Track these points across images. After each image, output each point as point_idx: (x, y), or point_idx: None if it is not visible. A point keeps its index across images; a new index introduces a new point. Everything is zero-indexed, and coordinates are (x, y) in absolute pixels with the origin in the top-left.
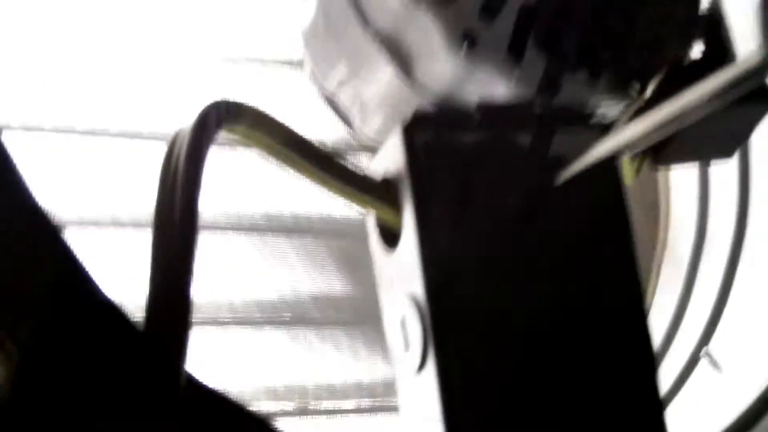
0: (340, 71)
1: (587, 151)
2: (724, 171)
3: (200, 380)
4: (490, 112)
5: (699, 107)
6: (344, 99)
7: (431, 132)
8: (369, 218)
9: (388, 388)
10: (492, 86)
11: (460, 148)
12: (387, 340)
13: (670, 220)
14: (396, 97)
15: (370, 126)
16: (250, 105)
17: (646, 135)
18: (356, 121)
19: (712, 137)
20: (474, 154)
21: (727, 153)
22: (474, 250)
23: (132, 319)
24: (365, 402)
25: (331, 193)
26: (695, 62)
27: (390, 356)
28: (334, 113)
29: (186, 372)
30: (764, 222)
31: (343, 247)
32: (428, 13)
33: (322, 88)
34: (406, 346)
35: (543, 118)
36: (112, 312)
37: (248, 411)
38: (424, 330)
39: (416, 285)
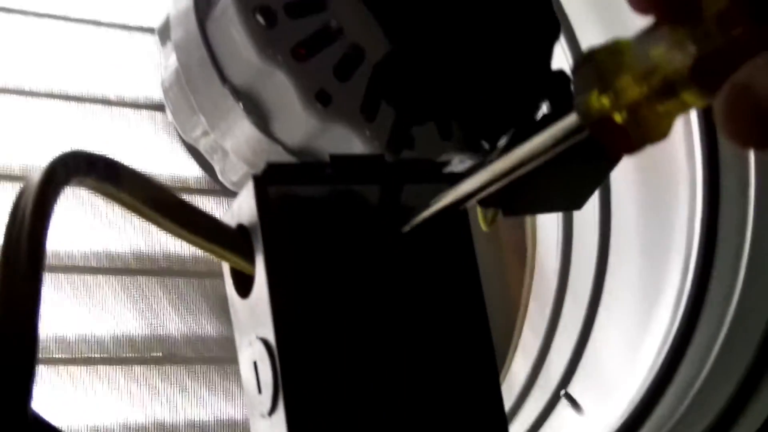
0: (199, 123)
1: (433, 202)
2: (586, 214)
3: (47, 420)
4: (341, 163)
5: (527, 161)
6: (205, 148)
7: (283, 183)
8: (225, 264)
9: None
10: (347, 141)
11: (311, 200)
12: (242, 383)
13: (535, 263)
14: (255, 149)
15: (230, 174)
16: (101, 156)
17: (484, 186)
18: (217, 168)
19: (561, 190)
20: (325, 205)
21: (576, 205)
22: (324, 297)
23: None
24: None
25: (183, 242)
26: (544, 117)
27: (244, 399)
28: (195, 160)
29: (33, 412)
30: (622, 265)
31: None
32: (283, 71)
33: (183, 136)
34: (259, 389)
35: (392, 169)
36: None
37: None
38: (275, 373)
39: (267, 330)
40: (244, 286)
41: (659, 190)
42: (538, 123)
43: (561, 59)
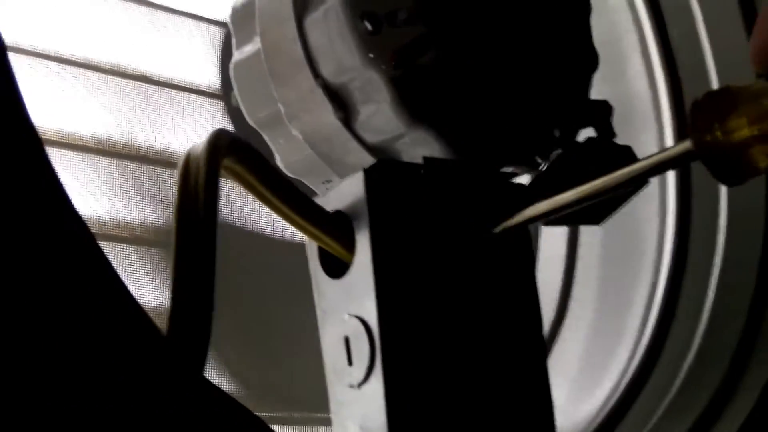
0: (274, 109)
1: (524, 210)
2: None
3: (218, 387)
4: (434, 166)
5: (632, 179)
6: (271, 134)
7: (389, 177)
8: (311, 247)
9: None
10: (426, 145)
11: (412, 195)
12: (324, 356)
13: None
14: (332, 142)
15: (289, 161)
16: (240, 138)
17: (583, 199)
18: (277, 154)
19: (592, 207)
20: (423, 201)
21: (597, 221)
22: (419, 283)
23: (156, 325)
24: None
25: (287, 223)
26: (590, 140)
27: (327, 370)
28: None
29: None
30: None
31: None
32: (382, 76)
33: (248, 117)
34: (350, 361)
35: (476, 176)
36: (138, 316)
37: (260, 421)
38: (372, 348)
39: (368, 308)
40: (333, 268)
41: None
42: (584, 145)
43: None
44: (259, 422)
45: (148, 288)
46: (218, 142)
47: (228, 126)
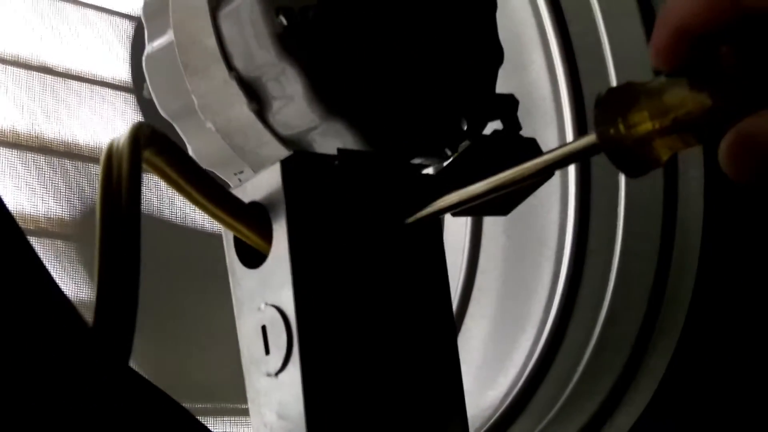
0: (187, 101)
1: (435, 201)
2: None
3: (143, 377)
4: (349, 158)
5: (539, 171)
6: (183, 125)
7: (305, 168)
8: (227, 237)
9: None
10: (340, 136)
11: (328, 186)
12: (241, 345)
13: None
14: (246, 134)
15: (202, 153)
16: (160, 131)
17: (491, 190)
18: (190, 146)
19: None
20: (338, 193)
21: (504, 212)
22: (333, 272)
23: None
24: None
25: (205, 215)
26: (496, 133)
27: (244, 360)
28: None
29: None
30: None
31: None
32: (296, 69)
33: (161, 109)
34: (267, 350)
35: (388, 168)
36: (63, 307)
37: (185, 410)
38: (289, 336)
39: (285, 297)
40: (249, 258)
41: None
42: (491, 138)
43: None
44: (183, 411)
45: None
46: (139, 135)
47: (139, 119)
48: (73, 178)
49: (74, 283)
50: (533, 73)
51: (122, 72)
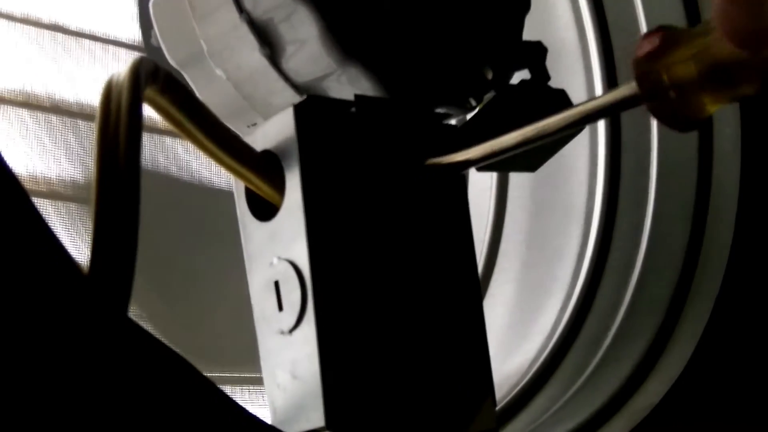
0: (196, 47)
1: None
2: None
3: (142, 327)
4: (366, 104)
5: (577, 123)
6: (192, 74)
7: (320, 114)
8: (238, 188)
9: None
10: (356, 83)
11: (343, 133)
12: (253, 302)
13: None
14: (256, 81)
15: (212, 103)
16: (163, 68)
17: (525, 142)
18: (200, 96)
19: (526, 153)
20: (355, 140)
21: (533, 168)
22: (350, 223)
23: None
24: None
25: (214, 163)
26: (524, 83)
27: (256, 318)
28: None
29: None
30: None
31: None
32: (309, 8)
33: (169, 58)
34: (280, 307)
35: (410, 115)
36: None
37: (185, 360)
38: (303, 291)
39: (298, 250)
40: (261, 210)
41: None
42: (518, 88)
43: None
44: (183, 361)
45: (66, 243)
46: (140, 70)
47: None
48: (86, 139)
49: (88, 246)
50: (560, 25)
51: (135, 31)
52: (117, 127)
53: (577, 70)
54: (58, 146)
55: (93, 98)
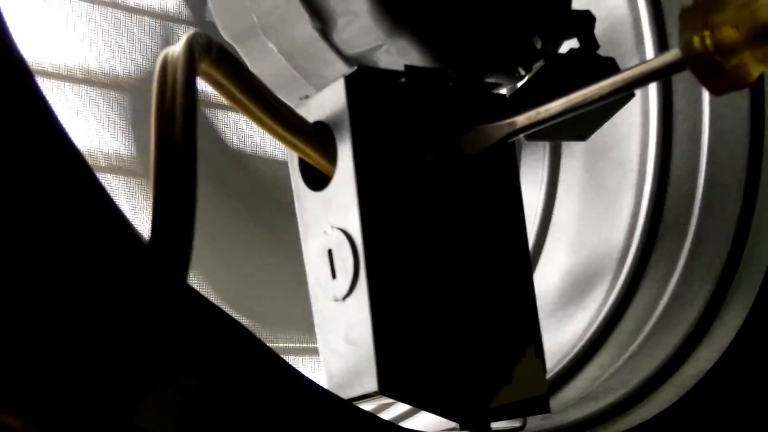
0: (249, 22)
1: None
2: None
3: (202, 295)
4: (416, 74)
5: (621, 89)
6: (245, 48)
7: (370, 85)
8: (292, 159)
9: None
10: (405, 55)
11: (394, 103)
12: (307, 269)
13: None
14: (309, 54)
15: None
16: (216, 41)
17: (564, 111)
18: (253, 69)
19: (576, 121)
20: (405, 109)
21: (584, 136)
22: (400, 191)
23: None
24: None
25: (266, 132)
26: (572, 51)
27: (310, 285)
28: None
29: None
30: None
31: None
32: None
33: (223, 33)
34: (333, 274)
35: (457, 85)
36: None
37: (244, 327)
38: (356, 259)
39: (350, 219)
40: (314, 180)
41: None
42: (567, 56)
43: None
44: (239, 326)
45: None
46: (194, 44)
47: None
48: (142, 113)
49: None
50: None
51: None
52: (173, 101)
53: (629, 38)
54: (114, 120)
55: (148, 73)
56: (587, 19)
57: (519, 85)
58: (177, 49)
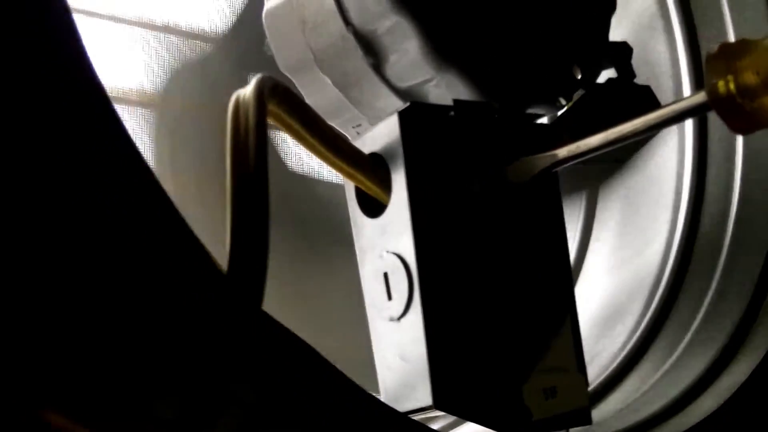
0: (305, 55)
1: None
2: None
3: (277, 320)
4: (464, 107)
5: (653, 128)
6: (301, 79)
7: (422, 119)
8: (348, 188)
9: None
10: (453, 88)
11: (444, 136)
12: (364, 291)
13: None
14: (362, 87)
15: (319, 105)
16: (281, 83)
17: (601, 146)
18: (307, 99)
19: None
20: (455, 141)
21: (622, 159)
22: (453, 217)
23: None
24: None
25: (326, 164)
26: (611, 81)
27: (367, 306)
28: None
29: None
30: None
31: None
32: (410, 21)
33: (280, 63)
34: (389, 296)
35: (504, 118)
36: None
37: (316, 351)
38: (410, 282)
39: (405, 244)
40: (370, 208)
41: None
42: (605, 86)
43: None
44: (315, 353)
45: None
46: (263, 87)
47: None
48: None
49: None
50: (646, 26)
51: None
52: (246, 140)
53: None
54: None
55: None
56: (624, 49)
57: (559, 113)
58: (247, 91)
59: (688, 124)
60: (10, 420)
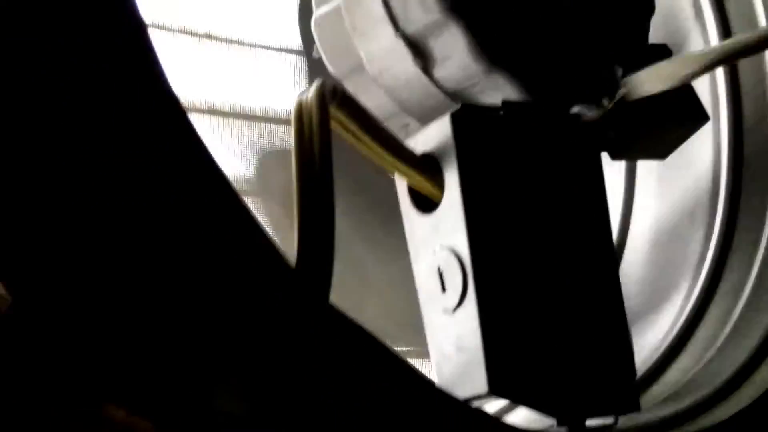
0: (356, 61)
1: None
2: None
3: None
4: (512, 108)
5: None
6: (352, 83)
7: (473, 120)
8: (401, 186)
9: None
10: (502, 89)
11: (494, 135)
12: (418, 285)
13: None
14: (411, 89)
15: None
16: (340, 86)
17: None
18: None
19: (656, 143)
20: (504, 140)
21: (662, 156)
22: (504, 214)
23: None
24: None
25: (382, 165)
26: None
27: (421, 300)
28: None
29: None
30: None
31: None
32: (460, 25)
33: (331, 69)
34: (443, 289)
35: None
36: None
37: (385, 345)
38: (464, 275)
39: (459, 240)
40: (422, 204)
41: None
42: None
43: None
44: (382, 345)
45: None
46: (324, 91)
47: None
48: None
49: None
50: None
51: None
52: (311, 142)
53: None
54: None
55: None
56: (664, 51)
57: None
58: (309, 95)
59: (723, 123)
60: (74, 415)
